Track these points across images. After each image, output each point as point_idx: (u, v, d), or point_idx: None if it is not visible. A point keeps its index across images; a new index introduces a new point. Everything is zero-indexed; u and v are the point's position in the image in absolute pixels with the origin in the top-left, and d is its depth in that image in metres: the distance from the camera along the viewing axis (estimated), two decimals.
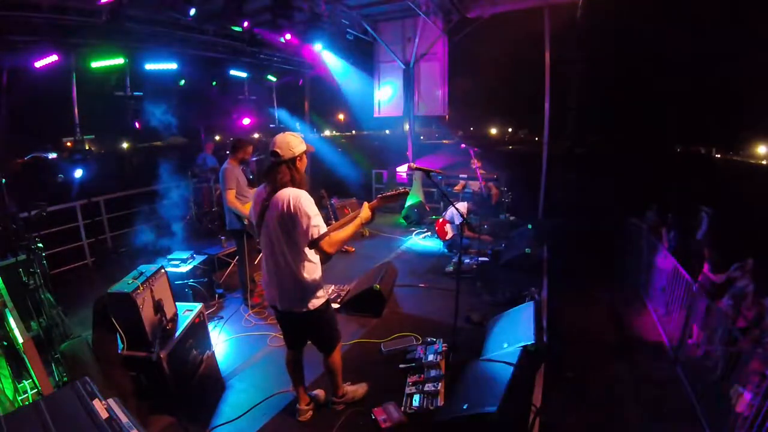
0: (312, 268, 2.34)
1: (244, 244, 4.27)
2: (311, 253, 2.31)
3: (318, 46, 8.05)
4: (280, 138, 2.27)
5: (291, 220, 2.17)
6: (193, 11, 5.43)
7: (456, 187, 7.70)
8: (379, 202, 2.47)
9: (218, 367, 3.39)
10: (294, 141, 2.27)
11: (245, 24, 6.49)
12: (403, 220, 8.02)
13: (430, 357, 3.28)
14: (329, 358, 2.61)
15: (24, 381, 2.48)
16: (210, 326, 3.72)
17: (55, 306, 3.21)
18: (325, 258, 2.31)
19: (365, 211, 2.41)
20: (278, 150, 2.24)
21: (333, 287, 4.68)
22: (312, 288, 2.34)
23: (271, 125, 10.41)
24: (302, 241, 2.21)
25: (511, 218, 7.72)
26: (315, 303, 2.36)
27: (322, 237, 2.15)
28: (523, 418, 2.57)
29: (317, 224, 2.16)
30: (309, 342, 2.65)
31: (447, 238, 6.18)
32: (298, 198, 2.17)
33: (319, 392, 2.91)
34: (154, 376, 2.74)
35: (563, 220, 8.06)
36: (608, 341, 4.48)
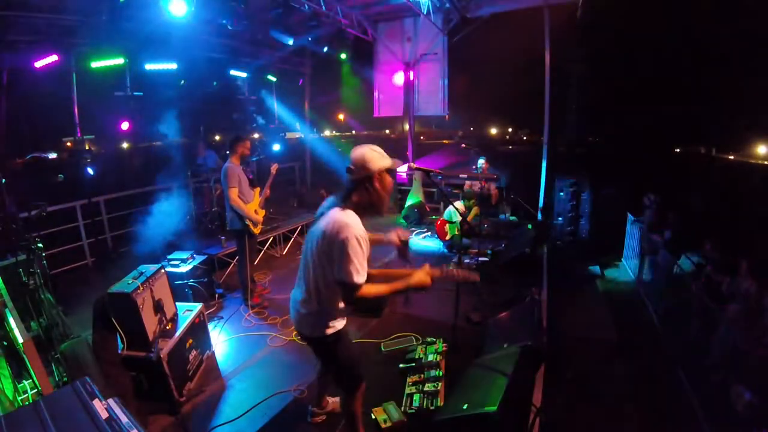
0: (333, 299, 2.04)
1: (244, 244, 4.26)
2: (340, 301, 2.04)
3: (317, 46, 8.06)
4: (356, 152, 1.95)
5: (330, 249, 1.86)
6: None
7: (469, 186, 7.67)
8: (442, 274, 2.00)
9: (218, 367, 3.39)
10: (370, 156, 1.93)
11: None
12: (403, 220, 8.02)
13: (430, 357, 3.28)
14: (346, 400, 2.33)
15: (24, 381, 2.48)
16: (210, 326, 3.72)
17: (55, 306, 3.21)
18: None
19: (419, 275, 1.93)
20: (352, 167, 1.94)
21: None
22: (320, 323, 2.09)
23: (271, 125, 10.42)
24: (334, 275, 1.89)
25: (511, 218, 7.72)
26: (321, 331, 2.11)
27: (354, 286, 1.83)
28: (523, 418, 2.57)
29: (356, 269, 1.81)
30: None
31: (446, 238, 6.19)
32: (346, 229, 1.81)
33: (337, 404, 2.78)
34: (154, 376, 2.75)
35: (563, 220, 8.04)
36: (608, 341, 4.47)
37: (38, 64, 5.31)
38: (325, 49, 7.96)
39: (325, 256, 1.91)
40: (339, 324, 2.16)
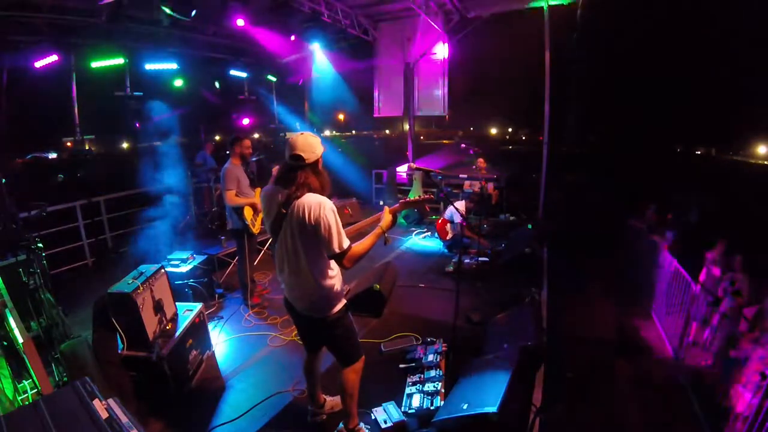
0: (332, 275, 2.23)
1: (244, 244, 4.26)
2: (332, 262, 2.19)
3: (317, 46, 8.09)
4: (301, 139, 2.09)
5: (313, 230, 2.03)
6: (194, 12, 5.44)
7: (469, 186, 7.66)
8: (401, 206, 2.30)
9: (218, 367, 3.39)
10: (315, 142, 2.12)
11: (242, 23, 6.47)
12: (403, 220, 8.01)
13: (430, 357, 3.28)
14: (345, 372, 2.41)
15: (24, 381, 2.48)
16: (210, 326, 3.72)
17: (55, 306, 3.21)
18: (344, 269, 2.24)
19: (386, 218, 2.23)
20: (302, 153, 2.06)
21: None
22: (331, 295, 2.24)
23: (271, 125, 10.42)
24: (324, 252, 2.09)
25: (511, 218, 7.72)
26: (333, 310, 2.26)
27: (345, 252, 2.06)
28: (523, 418, 2.57)
29: (341, 237, 2.05)
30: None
31: (447, 238, 6.19)
32: (322, 207, 2.02)
33: (335, 403, 2.78)
34: (154, 376, 2.75)
35: (563, 220, 8.06)
36: (608, 341, 4.47)
37: (38, 64, 5.32)
38: (319, 44, 7.97)
39: (314, 238, 2.07)
40: (343, 297, 2.34)
